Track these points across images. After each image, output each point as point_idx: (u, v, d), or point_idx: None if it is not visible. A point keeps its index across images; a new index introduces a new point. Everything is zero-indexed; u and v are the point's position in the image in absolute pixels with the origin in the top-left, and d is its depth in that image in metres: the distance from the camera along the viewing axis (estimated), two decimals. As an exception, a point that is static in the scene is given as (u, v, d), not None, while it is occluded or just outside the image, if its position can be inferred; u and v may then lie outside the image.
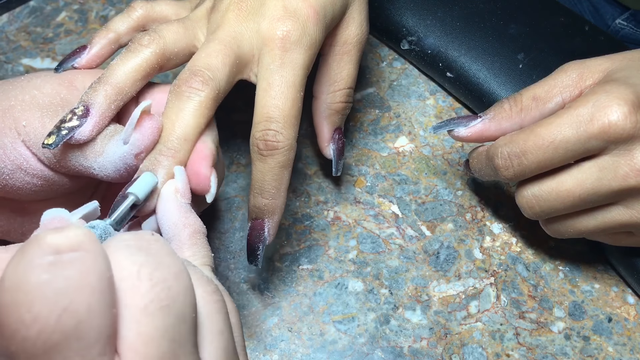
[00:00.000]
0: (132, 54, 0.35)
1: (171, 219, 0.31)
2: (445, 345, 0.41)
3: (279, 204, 0.36)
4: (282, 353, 0.41)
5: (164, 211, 0.31)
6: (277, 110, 0.35)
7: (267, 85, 0.35)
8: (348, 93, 0.42)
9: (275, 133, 0.35)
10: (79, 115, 0.32)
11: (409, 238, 0.45)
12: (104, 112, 0.33)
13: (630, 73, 0.35)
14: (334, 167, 0.44)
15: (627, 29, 0.59)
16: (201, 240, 0.31)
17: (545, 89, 0.38)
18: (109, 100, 0.33)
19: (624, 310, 0.43)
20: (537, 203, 0.38)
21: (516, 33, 0.50)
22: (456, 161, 0.49)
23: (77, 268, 0.20)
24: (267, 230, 0.37)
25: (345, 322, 0.42)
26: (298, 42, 0.36)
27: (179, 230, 0.31)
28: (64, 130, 0.31)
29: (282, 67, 0.35)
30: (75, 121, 0.32)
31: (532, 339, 0.42)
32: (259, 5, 0.36)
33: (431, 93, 0.52)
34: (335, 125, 0.43)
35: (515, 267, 0.44)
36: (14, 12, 0.56)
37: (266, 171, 0.35)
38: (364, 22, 0.41)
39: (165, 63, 0.36)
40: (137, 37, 0.36)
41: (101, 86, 0.33)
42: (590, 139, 0.34)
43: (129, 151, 0.32)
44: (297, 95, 0.35)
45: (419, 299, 0.43)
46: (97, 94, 0.33)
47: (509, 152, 0.37)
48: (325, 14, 0.37)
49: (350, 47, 0.41)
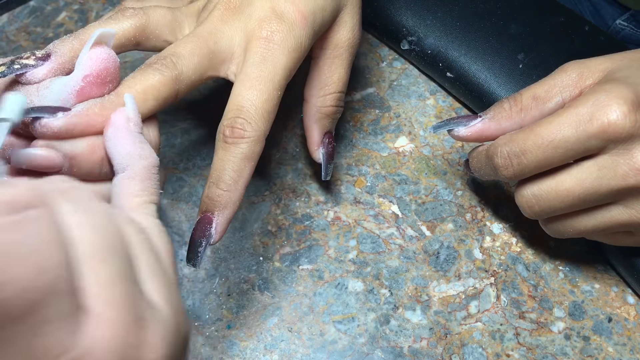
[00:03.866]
0: (112, 20, 0.35)
1: (125, 149, 0.30)
2: (445, 345, 0.41)
3: (234, 198, 0.35)
4: (282, 353, 0.41)
5: (117, 139, 0.31)
6: (249, 102, 0.35)
7: (245, 77, 0.35)
8: (339, 97, 0.42)
9: (243, 121, 0.34)
10: (38, 57, 0.31)
11: (409, 238, 0.45)
12: (63, 62, 0.32)
13: (630, 73, 0.35)
14: (323, 171, 0.43)
15: (628, 30, 0.59)
16: (155, 175, 0.31)
17: (545, 89, 0.38)
18: (73, 53, 0.33)
19: (624, 311, 0.43)
20: (537, 202, 0.38)
21: (516, 33, 0.50)
22: (456, 161, 0.49)
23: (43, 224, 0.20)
24: (214, 227, 0.34)
25: (345, 322, 0.42)
26: (282, 43, 0.36)
27: (134, 161, 0.30)
28: (16, 65, 0.31)
29: (262, 62, 0.35)
30: (32, 61, 0.31)
31: (532, 339, 0.41)
32: (247, 5, 0.37)
33: (431, 93, 0.52)
34: (326, 129, 0.43)
35: (515, 267, 0.44)
36: (14, 12, 0.56)
37: (227, 159, 0.34)
38: (356, 26, 0.41)
39: (142, 40, 0.36)
40: (122, 7, 0.36)
41: (70, 39, 0.33)
42: (590, 138, 0.34)
43: (77, 75, 0.31)
44: (273, 92, 0.35)
45: (419, 299, 0.43)
46: (63, 44, 0.33)
47: (509, 152, 0.37)
48: (314, 19, 0.37)
49: (341, 51, 0.41)
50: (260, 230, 0.45)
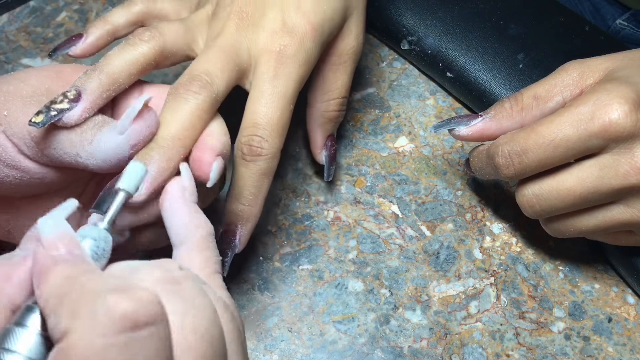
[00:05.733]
0: (131, 47, 0.35)
1: (182, 219, 0.30)
2: (445, 345, 0.41)
3: (255, 211, 0.37)
4: (282, 353, 0.40)
5: (174, 210, 0.30)
6: (265, 118, 0.35)
7: (259, 94, 0.36)
8: (342, 102, 0.43)
9: (260, 140, 0.35)
10: (70, 99, 0.31)
11: (409, 238, 0.45)
12: (95, 99, 0.32)
13: (631, 72, 0.35)
14: (326, 172, 0.45)
15: (628, 29, 0.59)
16: (212, 243, 0.30)
17: (546, 88, 0.38)
18: (102, 88, 0.33)
19: (624, 311, 0.43)
20: (538, 202, 0.38)
21: (516, 33, 0.50)
22: (456, 161, 0.48)
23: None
24: (238, 238, 0.37)
25: (345, 322, 0.42)
26: (294, 57, 0.36)
27: (191, 232, 0.30)
28: (53, 111, 0.30)
29: (275, 78, 0.36)
30: (66, 104, 0.31)
31: (532, 339, 0.41)
32: (259, 16, 0.37)
33: (431, 93, 0.52)
34: (328, 133, 0.44)
35: (515, 267, 0.44)
36: (14, 12, 0.56)
37: (247, 177, 0.36)
38: (360, 35, 0.42)
39: (162, 61, 0.36)
40: (138, 31, 0.36)
41: (96, 74, 0.33)
42: (591, 137, 0.34)
43: (125, 142, 0.31)
44: (286, 106, 0.36)
45: (419, 299, 0.43)
46: (91, 80, 0.33)
47: (510, 151, 0.37)
48: (323, 30, 0.38)
49: (346, 59, 0.42)
50: (260, 230, 0.45)
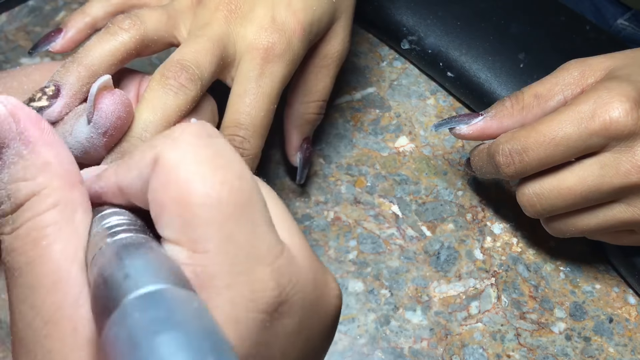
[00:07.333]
0: (110, 36, 0.33)
1: None
2: (446, 346, 0.41)
3: None
4: (281, 353, 0.40)
5: None
6: (248, 117, 0.35)
7: (243, 92, 0.35)
8: (321, 105, 0.42)
9: (242, 140, 0.35)
10: (49, 96, 0.31)
11: (409, 238, 0.45)
12: (75, 94, 0.32)
13: (631, 71, 0.35)
14: (298, 175, 0.44)
15: (629, 29, 0.59)
16: None
17: (547, 87, 0.38)
18: (82, 82, 0.32)
19: (625, 311, 0.43)
20: (539, 201, 0.38)
21: (517, 32, 0.50)
22: (457, 161, 0.48)
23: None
24: None
25: (346, 322, 0.42)
26: (281, 56, 0.36)
27: None
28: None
29: (260, 76, 0.35)
30: (45, 101, 0.31)
31: (532, 339, 0.41)
32: (249, 10, 0.36)
33: (432, 93, 0.52)
34: (305, 135, 0.43)
35: (516, 267, 0.44)
36: (13, 12, 0.56)
37: None
38: (346, 38, 0.42)
39: (143, 49, 0.35)
40: (117, 19, 0.34)
41: (75, 66, 0.32)
42: (592, 135, 0.34)
43: (95, 131, 0.30)
44: (270, 106, 0.36)
45: (420, 300, 0.42)
46: (69, 75, 0.32)
47: (510, 149, 0.37)
48: (311, 30, 0.38)
49: (329, 62, 0.41)
50: (260, 230, 0.45)
